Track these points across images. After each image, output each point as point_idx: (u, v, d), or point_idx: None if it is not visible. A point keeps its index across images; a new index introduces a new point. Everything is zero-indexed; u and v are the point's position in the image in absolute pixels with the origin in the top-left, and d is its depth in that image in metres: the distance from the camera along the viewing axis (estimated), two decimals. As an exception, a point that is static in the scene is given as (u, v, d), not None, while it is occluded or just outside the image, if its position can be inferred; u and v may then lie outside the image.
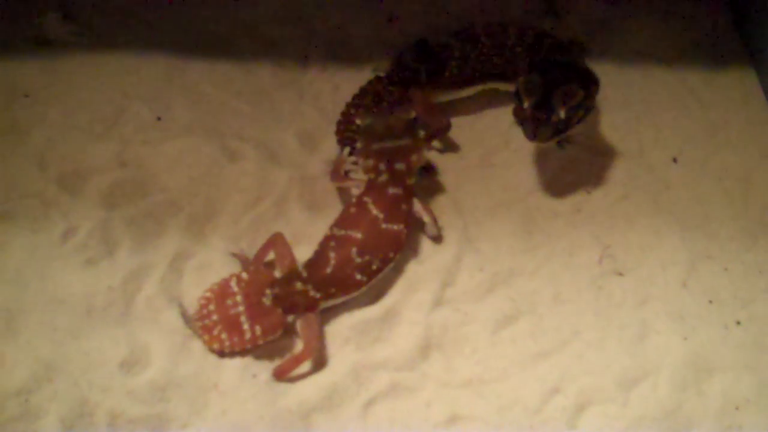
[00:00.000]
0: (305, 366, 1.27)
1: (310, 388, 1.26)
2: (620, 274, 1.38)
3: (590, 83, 1.40)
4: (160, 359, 1.27)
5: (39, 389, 1.23)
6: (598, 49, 1.65)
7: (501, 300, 1.35)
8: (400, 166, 1.36)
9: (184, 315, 1.30)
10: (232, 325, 1.28)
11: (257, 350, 1.28)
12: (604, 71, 1.60)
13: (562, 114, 1.33)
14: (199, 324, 1.28)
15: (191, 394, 1.24)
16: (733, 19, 1.70)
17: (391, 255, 1.32)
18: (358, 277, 1.30)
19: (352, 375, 1.27)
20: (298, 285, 1.29)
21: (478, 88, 1.56)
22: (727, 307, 1.35)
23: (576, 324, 1.32)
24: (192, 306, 1.31)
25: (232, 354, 1.28)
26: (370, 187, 1.36)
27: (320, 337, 1.29)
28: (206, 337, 1.28)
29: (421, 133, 1.37)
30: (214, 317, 1.28)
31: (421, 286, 1.36)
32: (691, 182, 1.49)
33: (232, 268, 1.36)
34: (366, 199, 1.35)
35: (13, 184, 1.43)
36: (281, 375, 1.26)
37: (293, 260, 1.33)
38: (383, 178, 1.36)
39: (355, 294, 1.31)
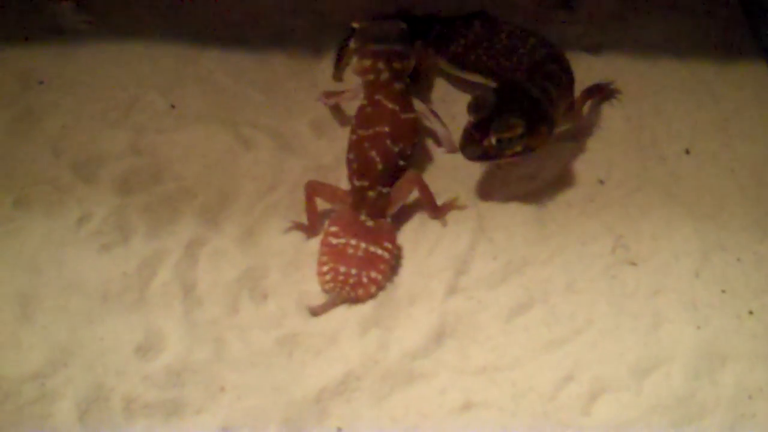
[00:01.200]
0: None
1: (325, 375, 1.26)
2: (633, 264, 1.38)
3: (542, 124, 1.36)
4: (176, 345, 1.27)
5: (55, 374, 1.23)
6: (610, 42, 1.65)
7: (514, 288, 1.35)
8: (397, 65, 1.44)
9: (319, 308, 1.31)
10: (369, 261, 1.32)
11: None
12: (616, 64, 1.63)
13: (493, 141, 1.33)
14: (347, 290, 1.31)
15: (206, 380, 1.25)
16: (744, 13, 1.70)
17: (416, 140, 1.43)
18: (402, 163, 1.39)
19: (367, 363, 1.27)
20: (370, 194, 1.37)
21: (473, 76, 1.57)
22: (739, 297, 1.36)
23: (589, 313, 1.33)
24: (314, 291, 1.33)
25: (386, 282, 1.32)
26: (377, 86, 1.44)
27: (407, 181, 1.39)
28: (361, 291, 1.31)
29: (416, 44, 1.50)
30: (353, 271, 1.32)
31: (435, 275, 1.36)
32: (704, 174, 1.49)
33: (248, 254, 1.36)
34: (378, 96, 1.43)
35: (27, 170, 1.44)
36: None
37: (340, 188, 1.40)
38: (385, 75, 1.44)
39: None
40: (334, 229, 1.35)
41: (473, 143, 1.34)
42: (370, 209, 1.37)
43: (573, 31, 1.67)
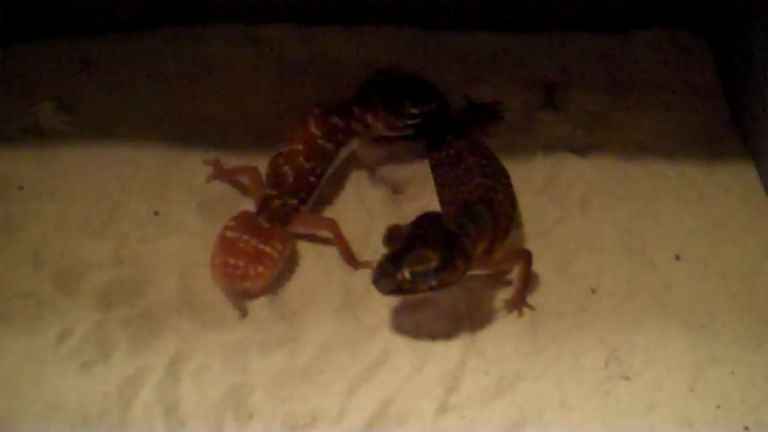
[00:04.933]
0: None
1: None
2: (627, 378, 1.36)
3: (458, 258, 1.31)
4: (157, 472, 1.23)
5: (32, 505, 1.19)
6: (597, 142, 1.65)
7: (507, 406, 1.32)
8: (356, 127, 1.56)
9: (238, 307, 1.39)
10: (258, 256, 1.39)
11: None
12: (604, 164, 1.62)
13: (407, 275, 1.29)
14: (233, 279, 1.38)
15: None
16: (731, 114, 1.71)
17: (328, 164, 1.53)
18: (312, 179, 1.49)
19: (356, 486, 1.24)
20: (275, 202, 1.45)
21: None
22: (734, 412, 1.33)
23: (584, 432, 1.30)
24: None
25: (271, 284, 1.40)
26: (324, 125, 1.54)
27: (329, 220, 1.48)
28: (248, 284, 1.38)
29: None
30: (241, 263, 1.38)
31: (425, 392, 1.33)
32: (694, 280, 1.48)
33: (232, 371, 1.33)
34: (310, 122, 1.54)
35: (6, 282, 1.40)
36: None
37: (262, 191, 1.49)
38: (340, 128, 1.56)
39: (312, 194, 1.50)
40: (232, 223, 1.43)
41: (386, 276, 1.29)
42: (272, 214, 1.45)
43: (560, 131, 1.67)
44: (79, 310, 1.37)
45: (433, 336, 1.39)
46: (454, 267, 1.30)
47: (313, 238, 1.50)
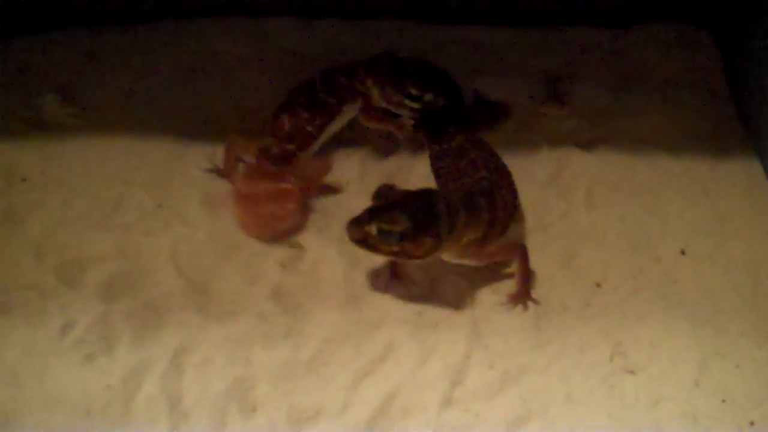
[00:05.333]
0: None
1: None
2: (632, 372, 1.35)
3: (428, 236, 1.29)
4: (160, 464, 1.23)
5: (35, 497, 1.18)
6: (602, 136, 1.65)
7: (512, 400, 1.32)
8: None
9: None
10: (279, 195, 1.47)
11: None
12: (609, 159, 1.62)
13: (373, 230, 1.29)
14: (271, 228, 1.45)
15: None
16: (736, 109, 1.70)
17: (326, 117, 1.55)
18: (309, 129, 1.52)
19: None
20: (274, 148, 1.50)
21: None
22: (739, 407, 1.33)
23: (589, 426, 1.29)
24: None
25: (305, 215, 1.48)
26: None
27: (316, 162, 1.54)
28: (286, 223, 1.46)
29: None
30: (269, 209, 1.46)
31: (429, 386, 1.32)
32: (700, 275, 1.47)
33: (236, 363, 1.32)
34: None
35: (9, 274, 1.40)
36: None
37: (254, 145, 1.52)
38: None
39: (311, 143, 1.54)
40: (240, 180, 1.48)
41: (357, 224, 1.31)
42: (273, 160, 1.50)
43: (565, 125, 1.66)
44: (83, 302, 1.37)
45: (438, 330, 1.38)
46: (419, 241, 1.29)
47: (316, 235, 1.50)
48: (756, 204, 1.57)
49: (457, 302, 1.42)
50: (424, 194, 1.34)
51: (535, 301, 1.42)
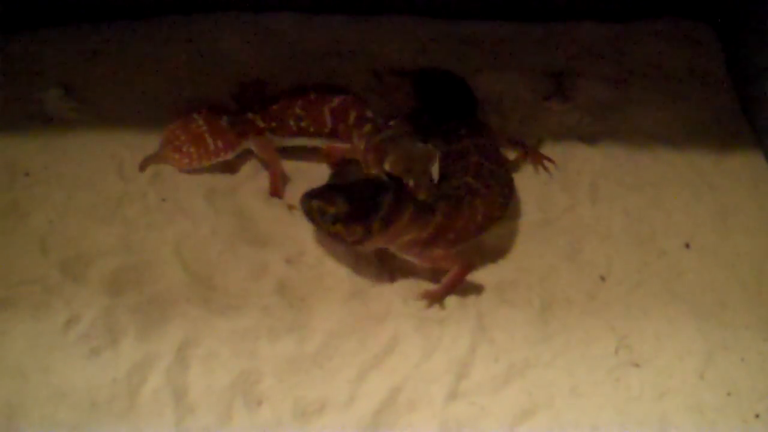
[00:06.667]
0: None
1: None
2: (637, 365, 1.35)
3: (360, 225, 1.31)
4: (166, 457, 1.22)
5: (41, 490, 1.18)
6: (606, 131, 1.65)
7: (517, 393, 1.32)
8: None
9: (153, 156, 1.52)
10: (197, 140, 1.51)
11: None
12: (612, 153, 1.62)
13: (314, 204, 1.33)
14: (169, 147, 1.51)
15: (199, 495, 1.20)
16: (739, 103, 1.70)
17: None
18: (291, 123, 1.54)
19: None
20: (249, 114, 1.54)
21: None
22: (745, 399, 1.33)
23: (595, 419, 1.29)
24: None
25: (198, 168, 1.50)
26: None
27: (276, 155, 1.54)
28: (176, 155, 1.51)
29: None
30: (182, 137, 1.51)
31: (435, 379, 1.32)
32: (704, 269, 1.47)
33: (241, 357, 1.32)
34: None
35: (13, 269, 1.39)
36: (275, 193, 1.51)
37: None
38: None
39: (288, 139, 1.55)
40: (203, 110, 1.55)
41: (307, 197, 1.35)
42: (236, 122, 1.53)
43: (569, 120, 1.66)
44: (87, 297, 1.36)
45: (443, 323, 1.38)
46: (349, 229, 1.32)
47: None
48: (760, 197, 1.57)
49: (462, 296, 1.42)
50: (376, 183, 1.35)
51: (441, 307, 1.40)
